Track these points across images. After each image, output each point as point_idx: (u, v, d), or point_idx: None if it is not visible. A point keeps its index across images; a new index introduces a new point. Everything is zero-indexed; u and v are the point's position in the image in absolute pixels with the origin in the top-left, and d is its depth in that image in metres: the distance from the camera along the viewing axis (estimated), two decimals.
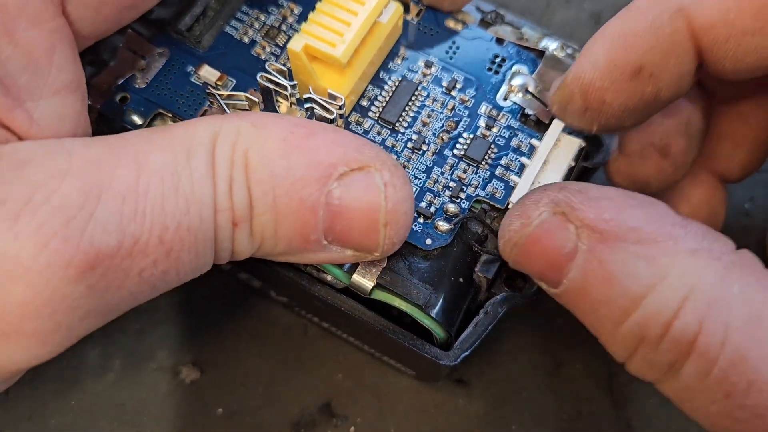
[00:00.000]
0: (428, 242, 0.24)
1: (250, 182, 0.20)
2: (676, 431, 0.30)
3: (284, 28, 0.27)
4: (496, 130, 0.26)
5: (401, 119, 0.26)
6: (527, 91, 0.26)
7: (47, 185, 0.18)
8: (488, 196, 0.25)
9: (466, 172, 0.25)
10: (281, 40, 0.27)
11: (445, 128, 0.26)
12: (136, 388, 0.30)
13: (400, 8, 0.25)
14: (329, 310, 0.25)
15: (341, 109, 0.23)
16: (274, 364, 0.31)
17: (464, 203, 0.25)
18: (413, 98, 0.26)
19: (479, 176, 0.25)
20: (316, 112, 0.23)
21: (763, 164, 0.28)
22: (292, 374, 0.31)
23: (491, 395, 0.31)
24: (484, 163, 0.25)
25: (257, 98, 0.24)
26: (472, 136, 0.25)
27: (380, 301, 0.24)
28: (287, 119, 0.21)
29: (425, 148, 0.25)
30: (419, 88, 0.26)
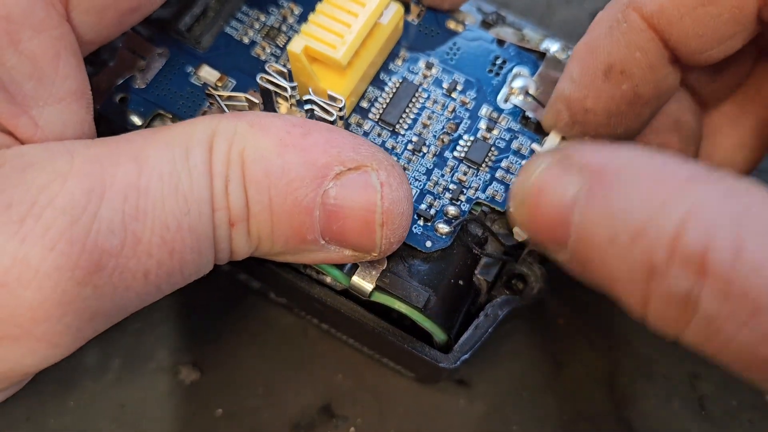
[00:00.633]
0: (428, 244, 0.24)
1: (246, 182, 0.20)
2: (676, 431, 0.30)
3: (284, 28, 0.27)
4: (496, 132, 0.26)
5: (401, 121, 0.26)
6: (528, 93, 0.26)
7: (51, 187, 0.18)
8: (488, 198, 0.25)
9: (466, 174, 0.25)
10: (281, 40, 0.27)
11: (445, 130, 0.25)
12: (135, 388, 0.30)
13: (400, 9, 0.25)
14: (329, 311, 0.25)
15: (341, 110, 0.23)
16: (273, 364, 0.31)
17: (464, 206, 0.25)
18: (414, 100, 0.26)
19: (480, 179, 0.25)
20: (315, 113, 0.23)
21: (757, 166, 0.28)
22: (291, 375, 0.31)
23: (492, 396, 0.31)
24: (484, 165, 0.25)
25: (257, 99, 0.24)
26: (472, 138, 0.25)
27: (380, 303, 0.24)
28: (285, 119, 0.21)
29: (425, 150, 0.25)
30: (420, 89, 0.26)
